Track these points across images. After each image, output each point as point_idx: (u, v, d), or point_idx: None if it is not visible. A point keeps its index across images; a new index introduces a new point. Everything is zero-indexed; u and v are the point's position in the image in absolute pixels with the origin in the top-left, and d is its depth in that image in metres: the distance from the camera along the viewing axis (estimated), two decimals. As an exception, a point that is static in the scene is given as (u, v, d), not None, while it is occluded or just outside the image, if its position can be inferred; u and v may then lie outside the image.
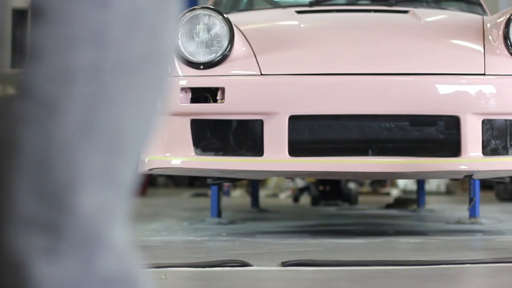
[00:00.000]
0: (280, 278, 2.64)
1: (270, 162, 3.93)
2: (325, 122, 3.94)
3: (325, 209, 6.86)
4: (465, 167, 3.92)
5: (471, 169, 3.94)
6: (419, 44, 4.19)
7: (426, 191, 10.07)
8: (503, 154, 4.01)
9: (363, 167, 3.93)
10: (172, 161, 4.06)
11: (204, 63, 4.03)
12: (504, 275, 2.66)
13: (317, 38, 4.25)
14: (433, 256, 3.16)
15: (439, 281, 2.52)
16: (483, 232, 4.41)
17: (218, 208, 5.20)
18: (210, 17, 4.09)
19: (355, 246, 3.64)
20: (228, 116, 3.96)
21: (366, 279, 2.58)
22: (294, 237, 4.11)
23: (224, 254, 3.36)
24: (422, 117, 3.94)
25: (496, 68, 4.03)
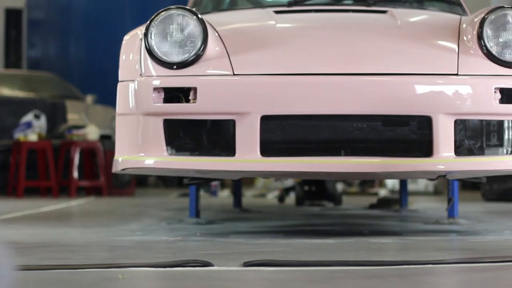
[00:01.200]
0: (237, 278, 2.64)
1: (241, 162, 3.93)
2: (298, 122, 3.93)
3: (308, 209, 6.86)
4: (437, 167, 3.91)
5: (442, 169, 3.93)
6: (393, 44, 4.19)
7: (414, 191, 10.13)
8: (478, 154, 4.00)
9: (336, 167, 3.93)
10: (146, 161, 4.06)
11: (177, 63, 4.03)
12: (464, 275, 2.65)
13: (291, 38, 4.25)
14: (398, 256, 3.16)
15: (395, 281, 2.52)
16: (458, 233, 4.41)
17: (197, 208, 5.20)
18: (184, 17, 4.09)
19: (325, 246, 3.64)
20: (200, 116, 3.96)
21: (324, 279, 2.58)
22: (267, 237, 4.10)
23: (191, 254, 3.35)
24: (395, 117, 3.93)
25: (469, 68, 4.02)
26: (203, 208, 6.86)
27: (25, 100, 10.62)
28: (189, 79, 3.99)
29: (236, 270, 2.80)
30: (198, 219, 5.14)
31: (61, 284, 2.52)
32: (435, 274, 2.67)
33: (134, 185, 9.90)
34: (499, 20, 4.11)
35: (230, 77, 3.97)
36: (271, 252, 3.41)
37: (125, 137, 4.17)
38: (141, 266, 2.87)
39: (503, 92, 3.97)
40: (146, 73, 4.07)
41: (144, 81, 4.04)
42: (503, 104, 3.96)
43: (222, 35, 4.20)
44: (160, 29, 4.08)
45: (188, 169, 4.03)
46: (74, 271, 2.78)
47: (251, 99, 3.90)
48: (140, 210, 6.71)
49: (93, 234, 4.44)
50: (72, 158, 9.25)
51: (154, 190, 11.47)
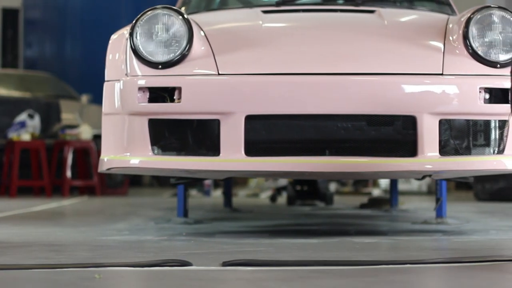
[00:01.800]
0: (213, 277, 2.64)
1: (226, 162, 3.93)
2: (282, 122, 3.93)
3: (299, 209, 6.86)
4: (421, 167, 3.91)
5: (427, 169, 3.94)
6: (378, 44, 4.18)
7: (407, 191, 10.14)
8: (465, 154, 4.00)
9: (320, 167, 3.93)
10: (131, 160, 4.06)
11: (163, 63, 4.03)
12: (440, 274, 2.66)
13: (277, 38, 4.25)
14: (378, 256, 3.16)
15: (370, 281, 2.52)
16: (444, 232, 4.40)
17: (185, 207, 5.21)
18: (169, 17, 4.09)
19: (308, 246, 3.64)
20: (184, 116, 3.96)
21: (300, 279, 2.58)
22: (252, 237, 4.10)
23: (173, 253, 3.35)
24: (379, 117, 3.93)
25: (454, 68, 4.02)
26: (195, 207, 6.89)
27: (19, 99, 10.62)
28: (173, 79, 3.99)
29: (214, 270, 2.80)
30: (186, 219, 5.14)
31: (37, 283, 2.52)
32: (411, 273, 2.66)
33: (127, 185, 9.91)
34: (485, 20, 4.11)
35: (215, 77, 3.97)
36: (253, 252, 3.41)
37: (111, 136, 4.17)
38: (119, 266, 2.87)
39: (488, 92, 3.98)
40: (132, 73, 4.07)
41: (129, 80, 4.04)
42: (488, 104, 3.96)
43: (208, 35, 4.20)
44: (145, 28, 4.08)
45: (173, 169, 4.04)
46: (52, 271, 2.78)
47: (236, 99, 3.90)
48: (131, 210, 6.71)
49: (79, 233, 4.44)
50: (65, 158, 9.25)
51: (148, 190, 11.47)
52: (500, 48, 4.08)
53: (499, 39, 4.10)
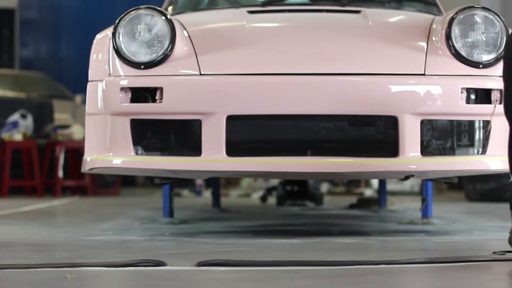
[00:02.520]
0: (185, 278, 2.63)
1: (207, 162, 3.93)
2: (264, 122, 3.93)
3: (288, 209, 6.86)
4: (402, 167, 3.91)
5: (408, 170, 3.94)
6: (361, 44, 4.18)
7: (399, 191, 10.13)
8: (449, 155, 4.00)
9: (302, 167, 3.93)
10: (113, 160, 4.06)
11: (145, 63, 4.03)
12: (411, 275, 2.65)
13: (260, 39, 4.25)
14: (355, 257, 3.15)
15: (341, 281, 2.52)
16: (427, 233, 4.40)
17: (170, 208, 5.21)
18: (152, 17, 4.09)
19: (288, 246, 3.64)
20: (166, 116, 3.96)
21: (271, 279, 2.58)
22: (234, 237, 4.10)
23: (151, 253, 3.35)
24: (361, 117, 3.93)
25: (437, 68, 4.02)
26: (184, 208, 6.90)
27: (12, 99, 10.62)
28: (155, 79, 3.99)
29: (187, 270, 2.80)
30: (171, 219, 5.15)
31: (8, 283, 2.52)
32: (383, 274, 2.66)
33: (119, 185, 9.91)
34: (468, 20, 4.11)
35: (196, 77, 3.97)
36: (231, 252, 3.41)
37: (94, 137, 4.17)
38: (93, 266, 2.86)
39: (470, 92, 3.97)
40: (114, 73, 4.07)
41: (112, 81, 4.04)
42: (470, 104, 3.96)
43: (192, 35, 4.19)
44: (128, 29, 4.08)
45: (155, 169, 4.04)
46: (26, 271, 2.78)
47: (217, 99, 3.90)
48: (120, 210, 6.71)
49: (62, 233, 4.43)
50: (57, 158, 9.25)
51: (141, 190, 11.47)
52: (482, 49, 4.08)
53: (481, 40, 4.09)
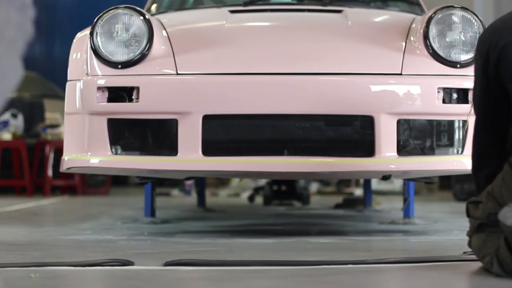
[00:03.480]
0: (148, 277, 2.63)
1: (183, 162, 3.93)
2: (240, 121, 3.93)
3: (274, 209, 6.86)
4: (378, 167, 3.91)
5: (384, 169, 3.93)
6: (339, 44, 4.18)
7: (389, 191, 10.13)
8: (426, 154, 4.00)
9: (278, 167, 3.92)
10: (91, 160, 4.06)
11: (122, 63, 4.03)
12: (375, 275, 2.65)
13: (238, 38, 4.25)
14: (325, 256, 3.15)
15: (303, 281, 2.51)
16: (405, 233, 4.40)
17: (152, 207, 5.21)
18: (129, 17, 4.09)
19: (262, 246, 3.63)
20: (142, 115, 3.96)
21: (234, 279, 2.58)
22: (210, 237, 4.10)
23: (123, 253, 3.35)
24: (337, 117, 3.92)
25: (413, 68, 4.02)
26: (171, 207, 6.91)
27: (3, 99, 10.60)
28: (132, 78, 3.99)
29: (153, 270, 2.80)
30: (153, 219, 5.15)
31: (-29, 283, 2.52)
32: (347, 274, 2.66)
33: (109, 184, 9.91)
34: (446, 20, 4.11)
35: (173, 77, 3.97)
36: (203, 252, 3.41)
37: (72, 136, 4.18)
38: (60, 266, 2.86)
39: (448, 92, 3.97)
40: (92, 73, 4.07)
41: (89, 80, 4.05)
42: (446, 104, 3.96)
43: (170, 34, 4.20)
44: (105, 28, 4.09)
45: (132, 169, 4.03)
46: (-8, 270, 2.78)
47: (193, 99, 3.90)
48: (106, 209, 6.70)
49: (40, 233, 4.43)
50: (46, 157, 9.24)
51: (133, 189, 11.46)
52: (460, 48, 4.08)
53: (459, 39, 4.09)
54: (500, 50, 2.72)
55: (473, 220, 2.77)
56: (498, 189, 2.61)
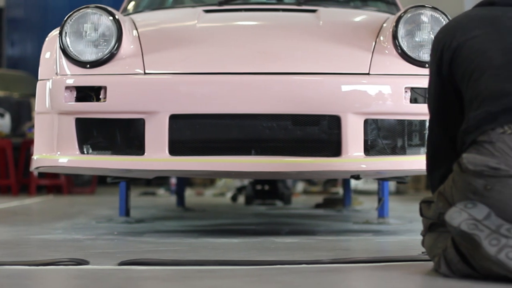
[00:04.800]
0: (98, 277, 2.63)
1: (150, 161, 3.92)
2: (207, 121, 3.92)
3: (254, 209, 6.86)
4: (345, 167, 3.91)
5: (350, 169, 3.93)
6: (308, 43, 4.17)
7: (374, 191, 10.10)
8: (395, 154, 4.00)
9: (245, 166, 3.92)
10: (59, 159, 4.06)
11: (91, 62, 4.03)
12: (327, 275, 2.65)
13: (207, 38, 4.24)
14: (282, 256, 3.15)
15: (249, 281, 2.51)
16: (375, 233, 4.40)
17: (126, 206, 5.21)
18: (98, 16, 4.09)
19: (225, 245, 3.64)
20: (109, 115, 3.95)
21: (181, 278, 2.58)
22: (179, 236, 4.10)
23: (84, 252, 3.35)
24: (304, 117, 3.92)
25: (382, 67, 4.01)
26: (151, 206, 6.91)
27: (-9, 98, 10.62)
28: (99, 78, 3.99)
29: (107, 269, 2.80)
30: (127, 218, 5.15)
31: None
32: (298, 274, 2.66)
33: (95, 184, 9.90)
34: (415, 19, 4.11)
35: (140, 76, 3.96)
36: (165, 251, 3.41)
37: (42, 135, 4.18)
38: (13, 265, 2.86)
39: (415, 92, 3.97)
40: (61, 72, 4.07)
41: (58, 80, 4.05)
42: (414, 104, 3.95)
43: (141, 34, 4.20)
44: (74, 28, 4.09)
45: (100, 168, 4.03)
46: None
47: (160, 98, 3.89)
48: (86, 209, 6.70)
49: (11, 232, 4.43)
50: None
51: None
52: (429, 48, 4.07)
53: (428, 39, 4.09)
54: (453, 50, 2.73)
55: (426, 219, 2.78)
56: (449, 189, 2.62)
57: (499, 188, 2.44)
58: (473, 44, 2.68)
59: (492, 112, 2.52)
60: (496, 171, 2.44)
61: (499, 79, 2.56)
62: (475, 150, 2.51)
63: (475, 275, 2.48)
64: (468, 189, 2.50)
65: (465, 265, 2.49)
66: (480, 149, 2.49)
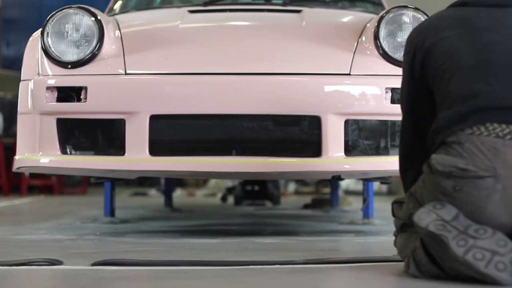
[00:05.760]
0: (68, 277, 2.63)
1: (131, 162, 3.92)
2: (188, 121, 3.92)
3: (243, 209, 6.86)
4: (324, 167, 3.91)
5: (331, 169, 3.93)
6: (289, 44, 4.16)
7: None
8: (376, 155, 3.99)
9: (226, 167, 3.92)
10: (41, 160, 4.06)
11: (72, 63, 4.03)
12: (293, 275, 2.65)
13: (189, 39, 4.24)
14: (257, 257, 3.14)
15: (214, 282, 2.51)
16: (357, 233, 4.40)
17: (111, 207, 5.21)
18: (80, 17, 4.09)
19: (204, 246, 3.64)
20: (90, 115, 3.95)
21: (152, 278, 2.58)
22: (159, 237, 4.10)
23: (61, 252, 3.35)
24: (285, 117, 3.91)
25: (363, 68, 4.01)
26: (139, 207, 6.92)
27: (-17, 99, 10.63)
28: (80, 78, 3.99)
29: (79, 269, 2.80)
30: (112, 218, 5.15)
31: None
32: (267, 274, 2.66)
33: (86, 184, 9.90)
34: (396, 20, 4.11)
35: (120, 76, 3.96)
36: (142, 252, 3.41)
37: (24, 136, 4.18)
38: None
39: (397, 92, 3.97)
40: (43, 73, 4.08)
41: (39, 80, 4.05)
42: (395, 104, 3.95)
43: (124, 35, 4.19)
44: (56, 28, 4.09)
45: (81, 168, 4.03)
46: None
47: (140, 99, 3.89)
48: (73, 209, 6.71)
49: (-8, 233, 4.43)
50: (23, 157, 9.23)
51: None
52: (410, 49, 4.06)
53: None
54: (425, 51, 2.73)
55: (397, 220, 2.78)
56: (420, 190, 2.62)
57: (468, 189, 2.44)
58: (444, 45, 2.68)
59: (462, 113, 2.52)
60: (465, 172, 2.44)
61: (469, 80, 2.56)
62: (444, 151, 2.51)
63: (443, 276, 2.48)
64: (437, 190, 2.50)
65: (433, 266, 2.49)
66: (449, 150, 2.49)
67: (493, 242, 2.36)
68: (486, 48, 2.61)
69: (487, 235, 2.38)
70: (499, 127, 2.46)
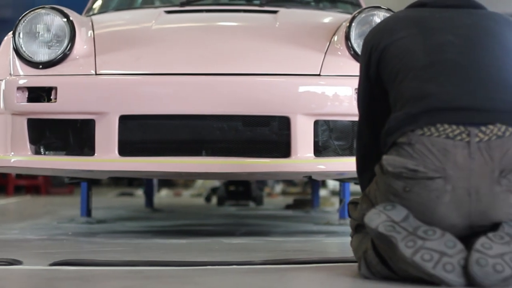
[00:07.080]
0: (22, 277, 2.64)
1: (100, 162, 3.93)
2: (157, 122, 3.92)
3: (225, 209, 6.87)
4: (294, 168, 3.91)
5: (299, 170, 3.93)
6: (260, 45, 4.16)
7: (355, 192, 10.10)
8: (353, 155, 3.98)
9: (195, 167, 3.92)
10: (12, 160, 4.06)
11: (43, 63, 4.03)
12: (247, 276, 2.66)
13: (161, 39, 4.24)
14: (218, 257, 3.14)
15: (161, 281, 2.52)
16: (328, 234, 4.40)
17: (88, 207, 5.22)
18: (51, 17, 4.09)
19: (170, 246, 3.65)
20: (60, 115, 3.95)
21: (102, 278, 2.58)
22: (130, 238, 4.11)
23: (25, 252, 3.35)
24: (254, 118, 3.91)
25: (333, 69, 4.01)
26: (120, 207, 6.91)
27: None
28: (50, 78, 3.99)
29: (35, 269, 2.80)
30: (88, 218, 5.16)
31: None
32: (220, 275, 2.66)
33: (73, 184, 9.91)
34: (368, 20, 4.11)
35: (90, 77, 3.96)
36: (107, 252, 3.41)
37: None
38: None
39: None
40: (15, 73, 4.08)
41: (11, 80, 4.05)
42: None
43: (97, 35, 4.20)
44: (27, 28, 4.10)
45: (51, 169, 4.03)
46: None
47: (110, 99, 3.89)
48: (54, 209, 6.71)
49: (-35, 233, 4.44)
50: (10, 157, 9.24)
51: (104, 189, 11.47)
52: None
53: None
54: (381, 51, 2.73)
55: (352, 221, 2.79)
56: (373, 191, 2.62)
57: (418, 190, 2.44)
58: (399, 46, 2.69)
59: (412, 114, 2.52)
60: (414, 173, 2.44)
61: (421, 80, 2.57)
62: (395, 152, 2.51)
63: (393, 277, 2.48)
64: (388, 191, 2.50)
65: (384, 267, 2.50)
66: (399, 151, 2.50)
67: (442, 243, 2.37)
68: (439, 48, 2.62)
69: (436, 236, 2.38)
70: (449, 128, 2.46)
